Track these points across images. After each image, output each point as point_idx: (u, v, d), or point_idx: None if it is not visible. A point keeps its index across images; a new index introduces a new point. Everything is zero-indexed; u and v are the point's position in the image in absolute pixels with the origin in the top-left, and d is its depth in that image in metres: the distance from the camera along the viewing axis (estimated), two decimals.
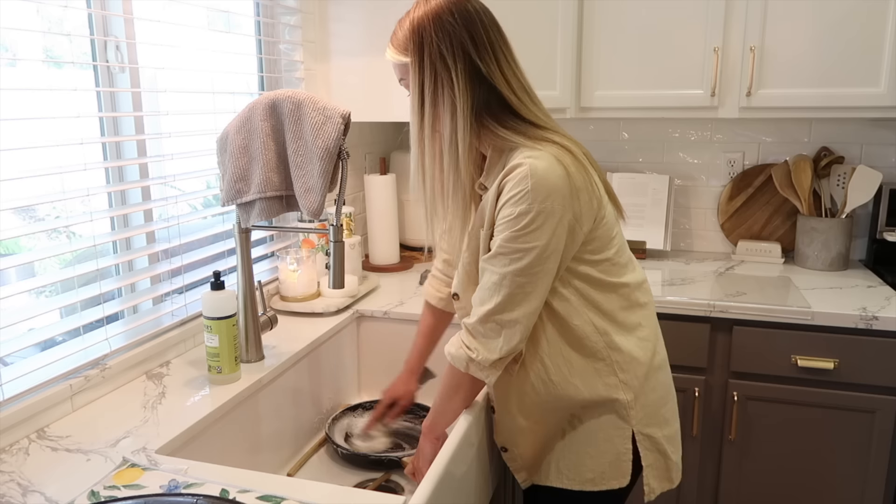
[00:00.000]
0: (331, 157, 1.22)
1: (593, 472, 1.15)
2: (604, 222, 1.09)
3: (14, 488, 0.93)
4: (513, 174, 1.02)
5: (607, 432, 1.13)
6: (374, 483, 1.32)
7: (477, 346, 1.06)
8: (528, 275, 1.02)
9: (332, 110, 1.23)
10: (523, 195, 1.00)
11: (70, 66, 1.26)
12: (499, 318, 1.04)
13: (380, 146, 2.40)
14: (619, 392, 1.11)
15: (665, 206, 2.27)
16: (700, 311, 1.78)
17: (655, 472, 1.16)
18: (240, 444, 1.27)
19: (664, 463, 1.17)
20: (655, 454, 1.15)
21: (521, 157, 1.02)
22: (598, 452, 1.14)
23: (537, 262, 1.02)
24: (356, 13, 1.93)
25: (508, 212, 1.02)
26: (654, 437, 1.15)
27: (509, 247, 1.02)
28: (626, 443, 1.13)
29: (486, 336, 1.06)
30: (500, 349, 1.05)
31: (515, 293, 1.03)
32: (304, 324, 1.62)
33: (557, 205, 1.00)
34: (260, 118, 1.26)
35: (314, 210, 1.25)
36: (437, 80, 1.05)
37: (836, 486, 1.79)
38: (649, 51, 2.00)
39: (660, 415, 1.16)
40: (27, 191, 1.19)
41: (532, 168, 1.00)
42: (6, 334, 1.12)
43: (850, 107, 1.88)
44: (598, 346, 1.10)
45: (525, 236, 1.01)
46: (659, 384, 1.16)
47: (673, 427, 1.19)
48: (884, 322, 1.66)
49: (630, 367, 1.12)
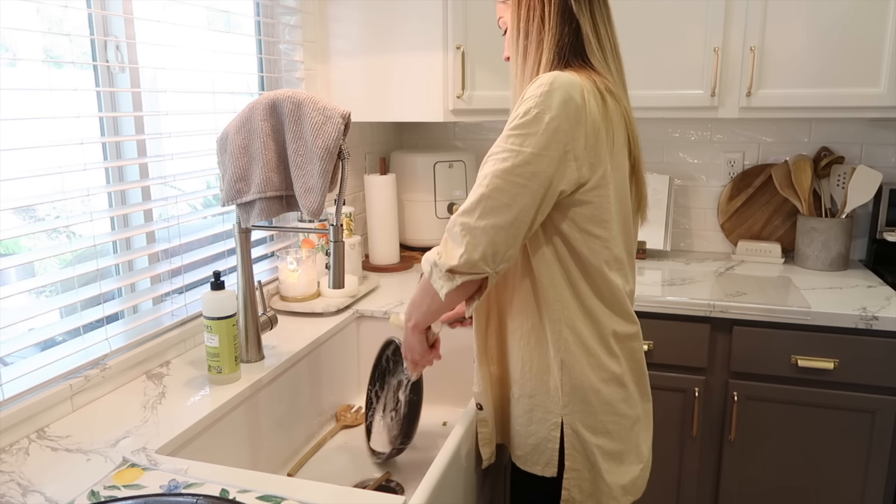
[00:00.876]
0: (331, 156, 1.22)
1: (521, 449, 1.14)
2: (600, 192, 1.03)
3: (14, 488, 0.93)
4: (535, 82, 1.01)
5: (538, 415, 1.11)
6: (374, 483, 1.32)
7: (441, 248, 1.02)
8: (507, 181, 0.97)
9: (332, 110, 1.23)
10: (533, 98, 0.98)
11: (70, 66, 1.26)
12: (464, 222, 0.98)
13: (380, 146, 2.40)
14: (555, 369, 1.07)
15: (665, 206, 2.27)
16: (700, 311, 1.78)
17: (580, 483, 1.09)
18: (240, 444, 1.27)
19: (592, 477, 1.09)
20: (583, 460, 1.09)
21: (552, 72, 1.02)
22: (526, 432, 1.13)
23: (521, 168, 0.96)
24: (356, 13, 1.93)
25: (515, 113, 1.00)
26: (585, 440, 1.08)
27: (500, 146, 0.99)
28: (552, 430, 1.09)
29: (452, 240, 1.00)
30: (458, 256, 0.98)
31: (489, 197, 0.97)
32: (304, 324, 1.62)
33: (563, 123, 0.97)
34: (260, 118, 1.26)
35: (314, 210, 1.25)
36: (531, 18, 1.07)
37: (836, 486, 1.79)
38: (649, 51, 2.00)
39: (597, 419, 1.08)
40: (27, 191, 1.19)
41: (555, 77, 0.98)
42: (6, 334, 1.12)
43: (850, 107, 1.88)
44: (556, 315, 1.06)
45: (518, 137, 0.97)
46: (610, 391, 1.08)
47: (615, 445, 1.09)
48: (884, 322, 1.66)
49: (579, 354, 1.06)
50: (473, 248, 0.97)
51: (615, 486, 1.10)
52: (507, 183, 0.97)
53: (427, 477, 0.97)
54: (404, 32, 1.91)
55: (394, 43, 1.92)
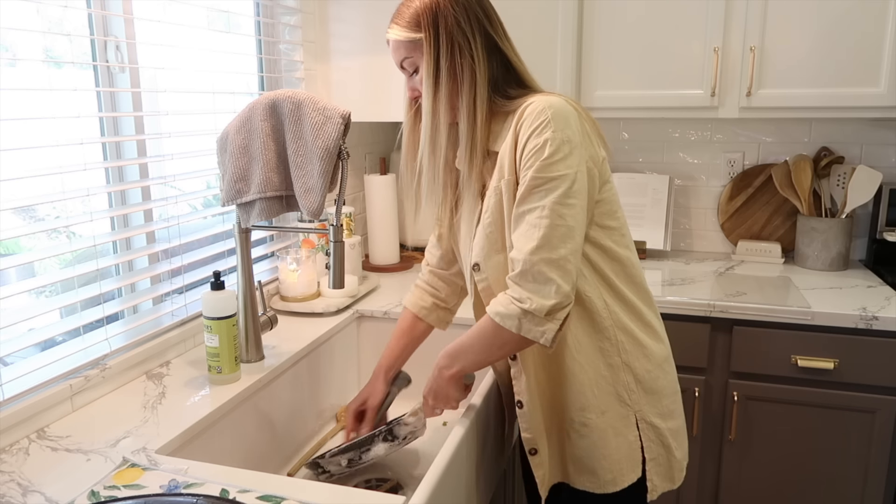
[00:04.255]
0: (331, 157, 1.22)
1: (611, 472, 1.12)
2: (608, 186, 1.10)
3: (14, 488, 0.93)
4: (528, 111, 1.03)
5: (616, 427, 1.11)
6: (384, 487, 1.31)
7: (528, 294, 0.98)
8: (566, 205, 0.99)
9: (332, 110, 1.23)
10: (545, 124, 1.00)
11: (70, 66, 1.26)
12: (546, 257, 0.97)
13: (380, 146, 2.40)
14: (620, 373, 1.10)
15: (665, 206, 2.27)
16: (700, 311, 1.78)
17: (658, 469, 1.13)
18: (240, 444, 1.27)
19: (667, 459, 1.14)
20: (659, 447, 1.13)
21: (531, 99, 1.05)
22: (610, 451, 1.11)
23: (571, 191, 0.99)
24: (356, 13, 1.93)
25: (533, 144, 1.01)
26: (658, 427, 1.12)
27: (541, 177, 1.00)
28: (633, 430, 1.11)
29: (535, 281, 0.97)
30: (553, 293, 0.97)
31: (558, 225, 0.98)
32: (304, 324, 1.62)
33: (576, 137, 1.01)
34: (260, 118, 1.26)
35: (314, 210, 1.24)
36: (455, 53, 1.06)
37: (836, 486, 1.79)
38: (649, 51, 2.00)
39: (663, 404, 1.13)
40: (27, 191, 1.19)
41: (547, 101, 1.02)
42: (6, 334, 1.12)
43: (850, 107, 1.88)
44: (606, 323, 1.09)
45: (554, 164, 0.99)
46: (663, 373, 1.14)
47: (677, 421, 1.17)
48: (884, 322, 1.66)
49: (634, 349, 1.11)
50: (564, 277, 0.98)
51: (682, 458, 1.17)
52: (567, 206, 0.99)
53: (427, 477, 0.97)
54: None
55: None
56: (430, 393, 1.15)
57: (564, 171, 0.99)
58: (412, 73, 1.13)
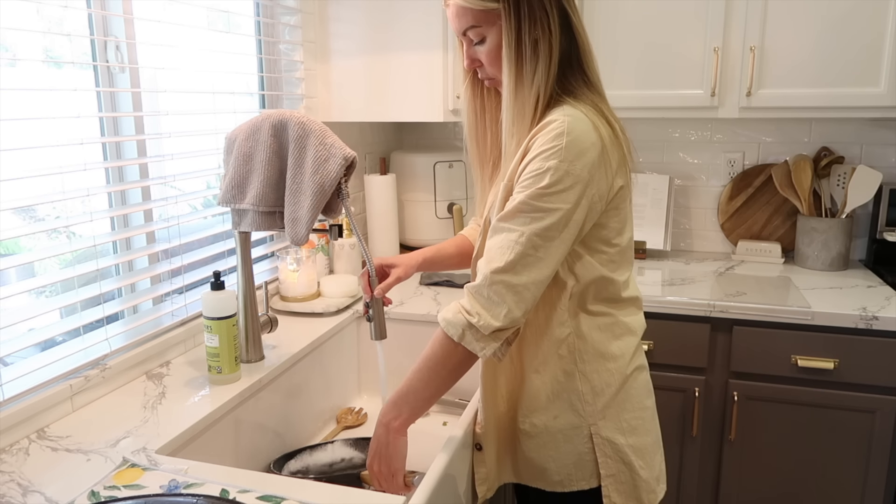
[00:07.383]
0: (324, 195, 1.21)
1: (559, 474, 1.10)
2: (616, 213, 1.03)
3: (14, 488, 0.93)
4: (547, 129, 0.96)
5: (566, 433, 1.08)
6: None
7: (479, 310, 0.97)
8: (545, 238, 0.96)
9: (337, 149, 1.22)
10: (555, 151, 0.94)
11: (70, 66, 1.26)
12: (507, 280, 0.96)
13: (380, 146, 2.40)
14: (576, 381, 1.06)
15: (665, 206, 2.27)
16: (700, 311, 1.78)
17: (620, 487, 1.08)
18: (240, 444, 1.27)
19: (630, 477, 1.08)
20: (618, 463, 1.08)
21: (558, 113, 0.97)
22: (560, 454, 1.09)
23: (557, 226, 0.95)
24: (356, 13, 1.93)
25: (536, 167, 0.95)
26: (616, 443, 1.07)
27: (532, 204, 0.95)
28: (585, 442, 1.07)
29: (489, 300, 0.96)
30: (503, 316, 0.96)
31: (528, 254, 0.95)
32: (304, 324, 1.62)
33: (586, 172, 0.95)
34: (268, 132, 1.25)
35: (298, 240, 1.25)
36: (536, 26, 0.98)
37: (836, 486, 1.79)
38: (649, 51, 2.00)
39: (623, 419, 1.08)
40: (27, 191, 1.19)
41: (569, 126, 0.95)
42: (6, 334, 1.12)
43: (850, 107, 1.88)
44: (566, 330, 1.06)
45: (551, 196, 0.95)
46: (628, 386, 1.09)
47: (643, 438, 1.10)
48: (884, 322, 1.66)
49: (594, 360, 1.06)
50: (518, 304, 0.96)
51: (650, 479, 1.11)
52: (545, 240, 0.96)
53: (427, 477, 0.97)
54: (404, 32, 1.91)
55: (394, 43, 1.92)
56: (374, 457, 1.07)
57: (557, 206, 0.95)
58: (476, 42, 1.04)
